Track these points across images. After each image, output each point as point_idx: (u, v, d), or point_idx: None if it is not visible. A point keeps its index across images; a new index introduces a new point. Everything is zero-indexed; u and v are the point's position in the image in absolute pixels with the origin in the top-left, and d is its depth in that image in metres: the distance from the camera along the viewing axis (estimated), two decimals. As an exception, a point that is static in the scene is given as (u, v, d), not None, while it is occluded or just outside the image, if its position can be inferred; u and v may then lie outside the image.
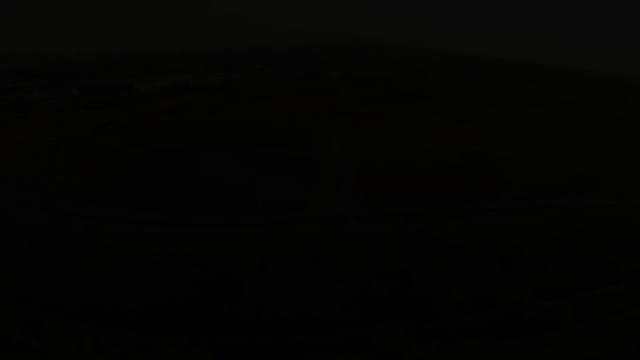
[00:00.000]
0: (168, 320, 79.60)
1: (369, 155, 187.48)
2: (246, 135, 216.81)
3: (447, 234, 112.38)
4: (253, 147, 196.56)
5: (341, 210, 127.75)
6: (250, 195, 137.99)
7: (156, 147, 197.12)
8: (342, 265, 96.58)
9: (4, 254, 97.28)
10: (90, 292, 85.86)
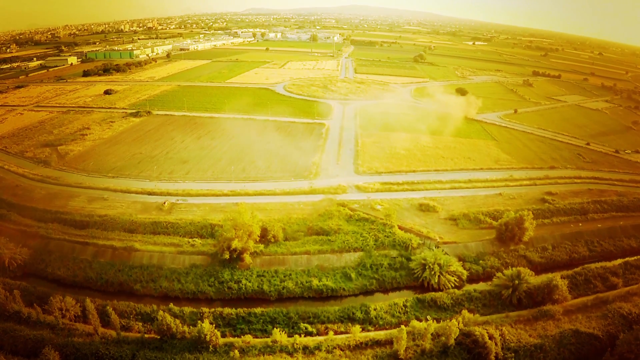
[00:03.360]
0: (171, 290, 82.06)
1: (370, 123, 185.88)
2: (246, 102, 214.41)
3: (447, 205, 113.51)
4: (253, 114, 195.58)
5: (342, 179, 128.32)
6: (250, 164, 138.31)
7: (156, 114, 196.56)
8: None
9: (10, 227, 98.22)
10: (96, 263, 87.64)
